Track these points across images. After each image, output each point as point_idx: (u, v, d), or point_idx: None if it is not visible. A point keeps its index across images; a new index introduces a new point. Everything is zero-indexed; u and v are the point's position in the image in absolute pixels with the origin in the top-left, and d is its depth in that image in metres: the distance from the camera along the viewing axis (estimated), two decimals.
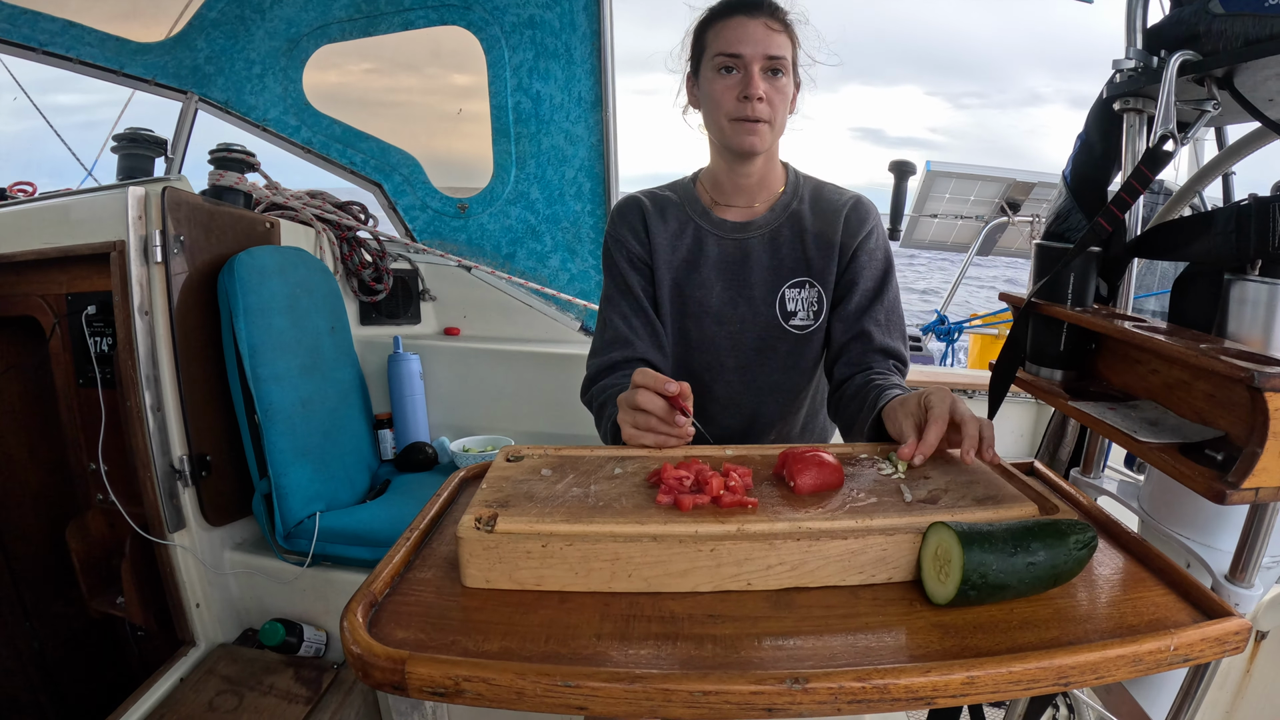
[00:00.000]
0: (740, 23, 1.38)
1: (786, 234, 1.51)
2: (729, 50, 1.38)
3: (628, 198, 1.60)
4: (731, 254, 1.52)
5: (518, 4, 2.62)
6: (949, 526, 0.78)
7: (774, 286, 1.51)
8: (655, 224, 1.54)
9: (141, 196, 1.84)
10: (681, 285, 1.54)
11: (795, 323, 1.52)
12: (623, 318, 1.53)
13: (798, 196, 1.54)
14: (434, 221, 2.92)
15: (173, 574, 1.94)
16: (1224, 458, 0.87)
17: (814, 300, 1.51)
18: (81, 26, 2.49)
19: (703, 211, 1.54)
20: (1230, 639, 0.73)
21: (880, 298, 1.50)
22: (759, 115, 1.38)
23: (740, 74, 1.38)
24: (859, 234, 1.50)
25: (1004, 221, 5.33)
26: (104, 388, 1.97)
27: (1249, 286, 1.03)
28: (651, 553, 0.78)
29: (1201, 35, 1.05)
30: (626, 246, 1.54)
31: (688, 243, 1.53)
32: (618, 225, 1.56)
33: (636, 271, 1.55)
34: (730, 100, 1.39)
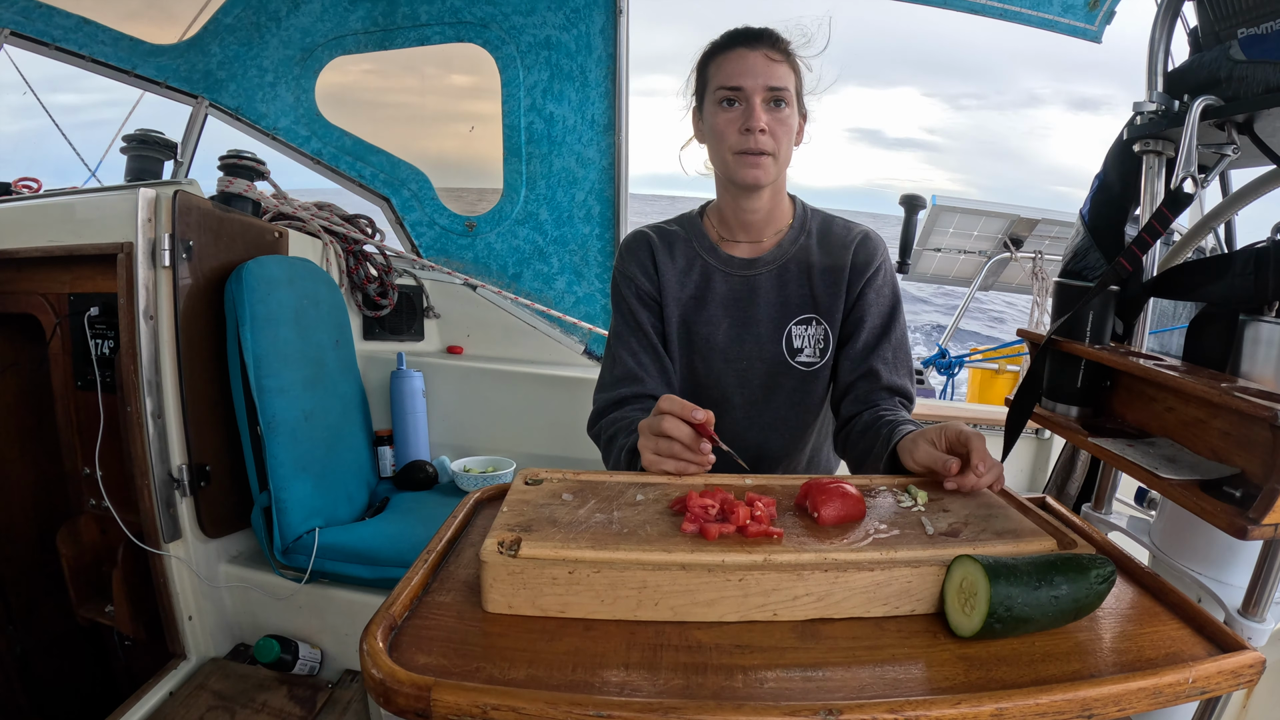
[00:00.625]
0: (741, 55, 1.39)
1: (794, 270, 1.51)
2: (730, 83, 1.38)
3: (636, 233, 1.59)
4: (739, 290, 1.52)
5: (535, 24, 2.63)
6: (976, 560, 0.78)
7: (781, 323, 1.51)
8: (664, 260, 1.53)
9: (152, 199, 1.83)
10: (689, 322, 1.54)
11: (802, 359, 1.51)
12: (632, 354, 1.52)
13: (805, 231, 1.53)
14: (441, 238, 2.91)
15: (166, 585, 1.91)
16: (1242, 494, 0.88)
17: (820, 338, 1.51)
18: (96, 24, 2.50)
19: (710, 247, 1.54)
20: (1245, 672, 0.74)
21: (888, 335, 1.49)
22: (762, 147, 1.37)
23: (742, 106, 1.38)
24: (866, 271, 1.49)
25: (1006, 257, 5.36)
26: (104, 391, 1.95)
27: (1264, 327, 1.04)
28: (680, 581, 0.78)
29: (1222, 80, 1.07)
30: (635, 283, 1.54)
31: (695, 279, 1.53)
32: (626, 261, 1.56)
33: (646, 308, 1.54)
34: (733, 133, 1.39)
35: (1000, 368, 4.90)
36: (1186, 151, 1.03)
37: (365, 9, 2.66)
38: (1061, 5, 2.48)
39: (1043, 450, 2.52)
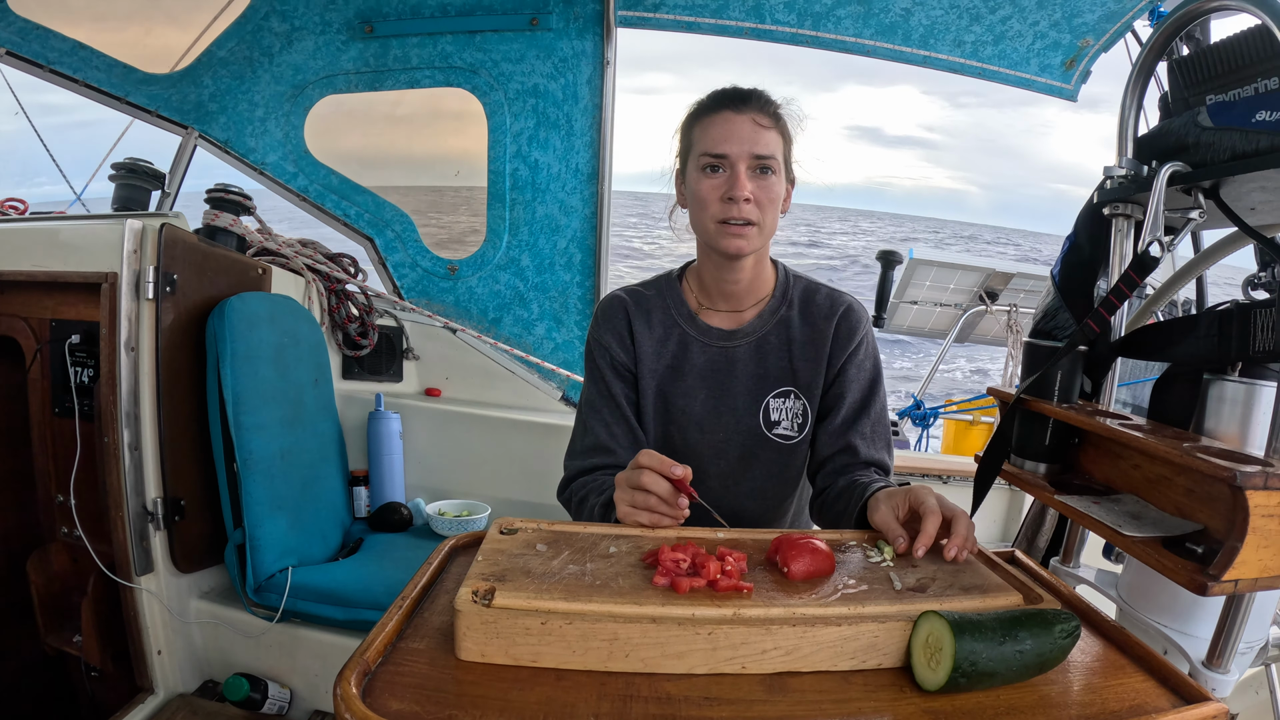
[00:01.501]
0: (726, 119, 1.34)
1: (774, 342, 1.48)
2: (714, 149, 1.33)
3: (612, 298, 1.55)
4: (717, 361, 1.48)
5: (523, 73, 2.68)
6: (941, 615, 0.80)
7: (758, 396, 1.47)
8: (640, 329, 1.49)
9: (139, 230, 1.84)
10: (665, 392, 1.50)
11: (778, 432, 1.48)
12: (604, 425, 1.49)
13: (787, 301, 1.49)
14: (423, 281, 2.93)
15: (136, 618, 1.89)
16: (1204, 551, 0.90)
17: (799, 412, 1.48)
18: (91, 49, 2.51)
19: (689, 316, 1.50)
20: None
21: (867, 411, 1.47)
22: (746, 216, 1.33)
23: (726, 173, 1.34)
24: (848, 347, 1.46)
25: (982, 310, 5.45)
26: (81, 420, 1.94)
27: (1228, 386, 1.08)
28: (650, 634, 0.79)
29: (1190, 146, 1.11)
30: (610, 353, 1.50)
31: (672, 349, 1.49)
32: (602, 329, 1.51)
33: (620, 379, 1.50)
34: (715, 201, 1.34)
35: (975, 419, 4.95)
36: (1153, 216, 1.06)
37: (357, 49, 2.71)
38: (1039, 65, 2.56)
39: (1015, 501, 2.55)
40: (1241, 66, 1.08)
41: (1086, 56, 2.52)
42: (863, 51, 2.57)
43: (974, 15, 2.42)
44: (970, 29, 2.47)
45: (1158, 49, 1.24)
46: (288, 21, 2.62)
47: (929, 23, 2.47)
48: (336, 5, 2.63)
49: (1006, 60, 2.56)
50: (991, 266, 5.41)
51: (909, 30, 2.50)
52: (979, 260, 5.47)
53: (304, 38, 2.67)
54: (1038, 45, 2.49)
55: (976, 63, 2.58)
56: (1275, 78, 1.02)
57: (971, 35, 2.49)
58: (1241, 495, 0.83)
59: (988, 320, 5.57)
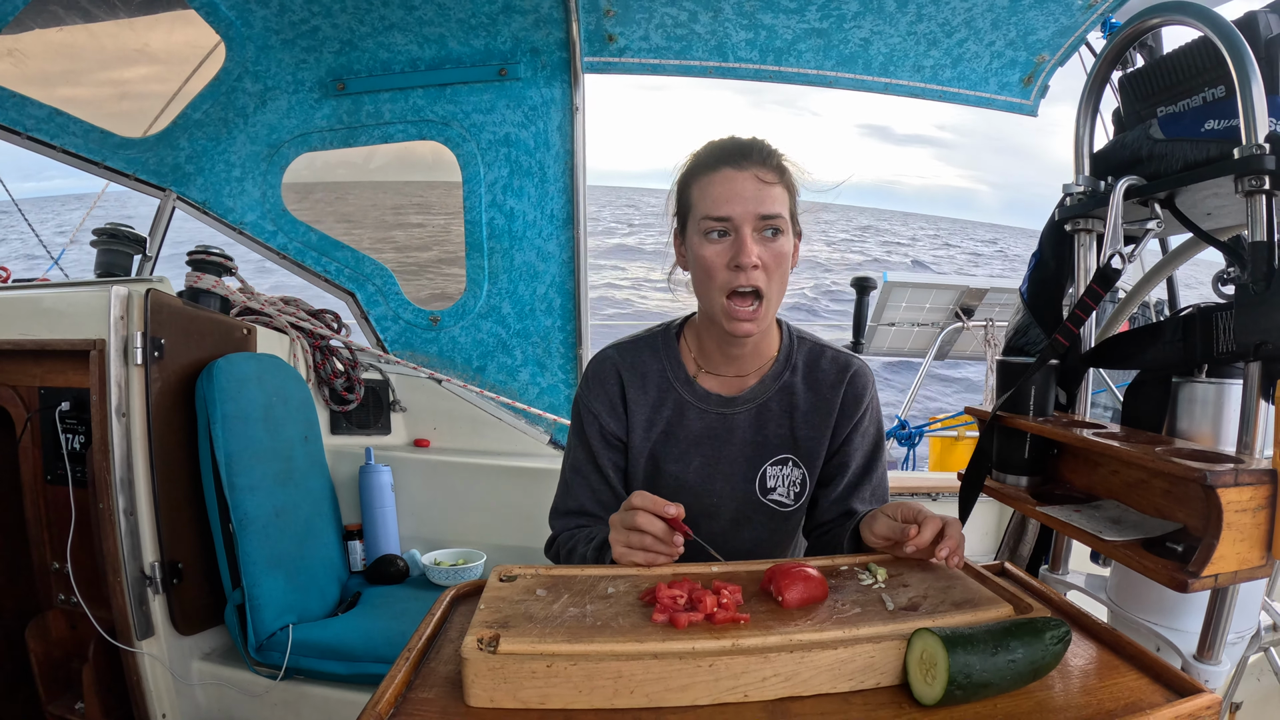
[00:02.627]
0: (728, 177, 1.25)
1: (775, 409, 1.40)
2: (716, 212, 1.24)
3: (604, 360, 1.46)
4: (714, 428, 1.41)
5: (494, 122, 2.72)
6: (933, 632, 0.82)
7: (756, 463, 1.41)
8: (634, 395, 1.42)
9: (124, 296, 1.86)
10: (657, 457, 1.43)
11: (774, 498, 1.42)
12: (591, 492, 1.44)
13: (790, 365, 1.42)
14: (406, 333, 2.94)
15: (139, 682, 1.88)
16: (1184, 549, 0.94)
17: (797, 480, 1.41)
18: (67, 115, 2.53)
19: (685, 380, 1.42)
20: (1203, 714, 0.79)
21: (869, 476, 1.43)
22: (754, 284, 1.24)
23: (731, 237, 1.25)
24: (854, 415, 1.41)
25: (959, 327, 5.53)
26: (75, 486, 1.94)
27: (1197, 388, 1.12)
28: (653, 670, 0.81)
29: (1144, 159, 1.15)
30: (600, 421, 1.43)
31: (667, 415, 1.42)
32: (593, 393, 1.44)
33: (610, 447, 1.44)
34: (721, 269, 1.25)
35: (959, 434, 5.00)
36: (1112, 231, 1.11)
37: (330, 107, 2.74)
38: (998, 84, 2.63)
39: (1005, 513, 2.58)
40: (1188, 78, 1.13)
41: (1044, 72, 2.59)
42: (824, 83, 2.64)
43: (931, 40, 2.49)
44: (929, 54, 2.54)
45: (1107, 66, 1.29)
46: (261, 82, 2.66)
47: (888, 50, 2.54)
48: (308, 64, 2.67)
49: (966, 81, 2.63)
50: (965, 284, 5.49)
51: (869, 59, 2.57)
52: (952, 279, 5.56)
53: (277, 97, 2.71)
54: (995, 65, 2.56)
55: (937, 86, 2.65)
56: (1221, 86, 1.07)
57: (930, 60, 2.56)
58: (1214, 494, 0.87)
59: (965, 336, 5.63)
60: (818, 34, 2.49)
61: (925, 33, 2.46)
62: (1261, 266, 0.94)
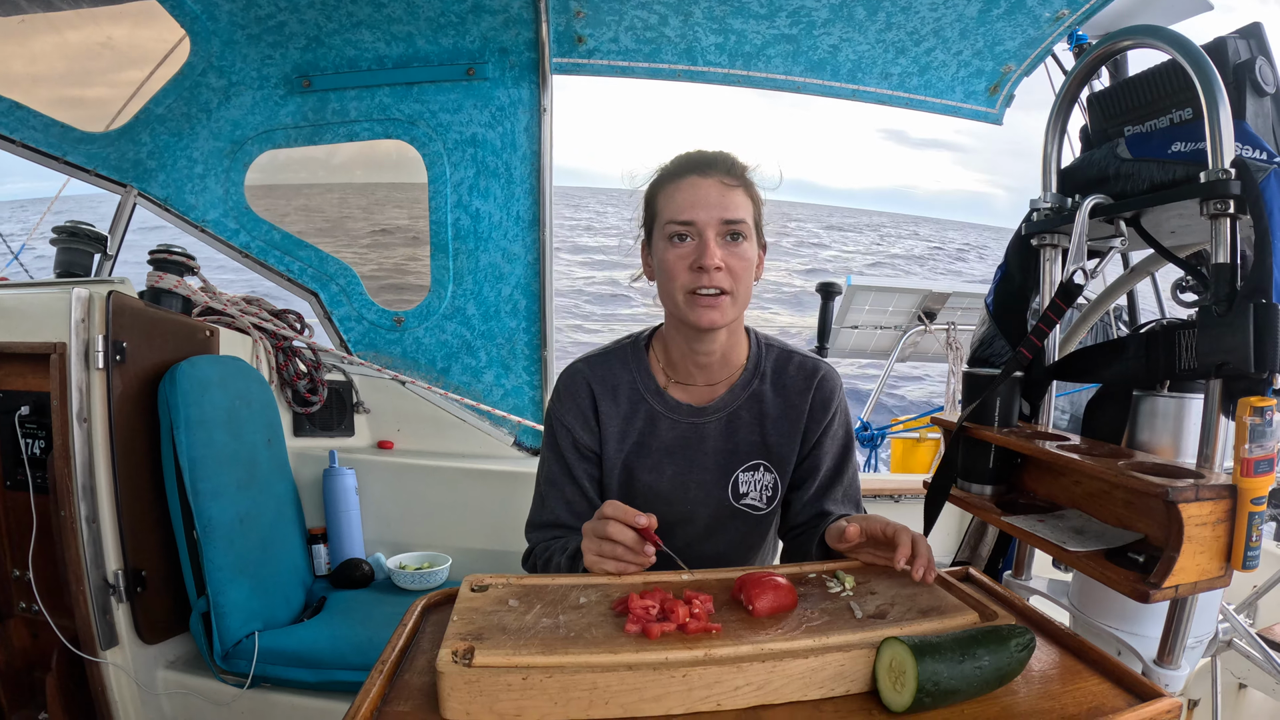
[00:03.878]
0: (692, 184, 1.29)
1: (745, 417, 1.43)
2: (680, 217, 1.27)
3: (574, 373, 1.48)
4: (686, 437, 1.43)
5: (461, 122, 2.70)
6: (902, 641, 0.84)
7: (728, 470, 1.43)
8: (606, 407, 1.44)
9: (86, 299, 1.82)
10: (631, 467, 1.45)
11: (746, 503, 1.44)
12: (566, 504, 1.45)
13: (759, 374, 1.44)
14: (369, 333, 2.91)
15: (104, 692, 1.85)
16: (1145, 559, 0.96)
17: (769, 484, 1.44)
18: (27, 109, 2.47)
19: (656, 391, 1.44)
20: (1163, 717, 0.81)
21: (840, 477, 1.46)
22: (718, 285, 1.27)
23: (694, 241, 1.28)
24: (823, 419, 1.43)
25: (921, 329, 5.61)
26: (35, 493, 1.90)
27: (1159, 401, 1.15)
28: (627, 681, 0.81)
29: (1111, 177, 1.18)
30: (573, 434, 1.44)
31: (639, 426, 1.44)
32: (565, 408, 1.45)
33: (583, 459, 1.46)
34: (684, 271, 1.28)
35: (922, 436, 5.07)
36: (1076, 247, 1.13)
37: (295, 104, 2.71)
38: (964, 92, 2.67)
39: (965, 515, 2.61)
40: (1156, 99, 1.15)
41: (1009, 81, 2.63)
42: (793, 88, 2.66)
43: (899, 48, 2.51)
44: (896, 61, 2.57)
45: (1076, 85, 1.31)
46: (225, 77, 2.61)
47: (856, 57, 2.56)
48: (274, 60, 2.63)
49: (933, 90, 2.66)
50: (928, 287, 5.58)
51: (837, 66, 2.59)
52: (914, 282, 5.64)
53: (242, 93, 2.67)
54: (962, 74, 2.60)
55: (904, 94, 2.68)
56: (1189, 109, 1.10)
57: (898, 67, 2.59)
58: (1175, 509, 0.89)
59: (928, 339, 5.72)
60: (787, 40, 2.50)
61: (894, 41, 2.48)
62: (1224, 288, 0.97)
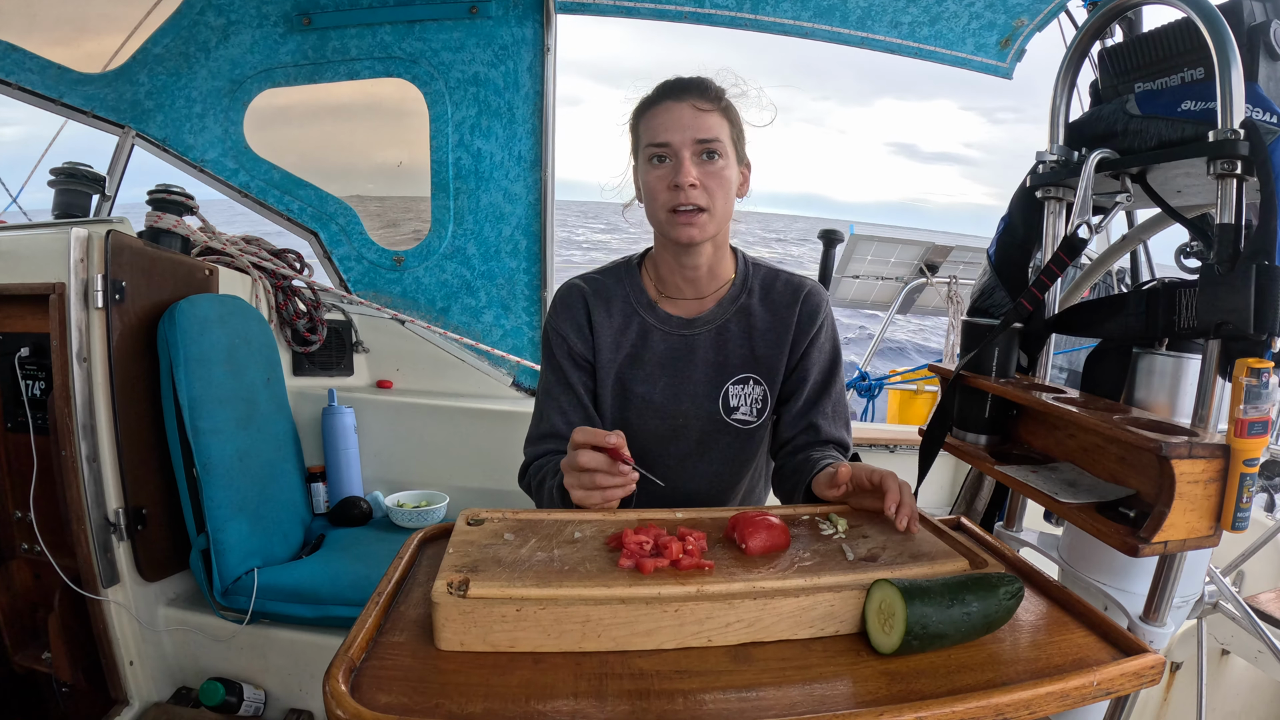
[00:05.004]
0: (667, 108, 1.35)
1: (734, 330, 1.48)
2: (657, 139, 1.35)
3: (570, 287, 1.54)
4: (677, 349, 1.49)
5: (463, 61, 2.67)
6: (892, 583, 0.85)
7: (718, 382, 1.48)
8: (600, 318, 1.49)
9: (84, 238, 1.81)
10: (624, 380, 1.50)
11: (737, 417, 1.49)
12: (561, 413, 1.49)
13: (747, 289, 1.50)
14: (369, 273, 2.90)
15: (106, 630, 1.87)
16: (1136, 514, 0.97)
17: (758, 398, 1.49)
18: (23, 51, 2.44)
19: (648, 304, 1.50)
20: (1147, 673, 0.82)
21: (828, 391, 1.50)
22: (694, 201, 1.33)
23: (671, 162, 1.34)
24: (810, 330, 1.48)
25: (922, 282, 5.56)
26: (36, 434, 1.90)
27: (1157, 359, 1.14)
28: (620, 614, 0.83)
29: (1119, 133, 1.16)
30: (568, 343, 1.50)
31: (632, 338, 1.50)
32: (560, 318, 1.51)
33: (578, 368, 1.51)
34: (663, 190, 1.35)
35: (919, 388, 5.07)
36: (1082, 201, 1.12)
37: (295, 42, 2.66)
38: (974, 45, 2.63)
39: (961, 469, 2.63)
40: (1168, 57, 1.13)
41: (1021, 36, 2.59)
42: (801, 34, 2.61)
43: None
44: (907, 10, 2.52)
45: (1088, 39, 1.29)
46: (224, 15, 2.57)
47: (866, 4, 2.52)
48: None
49: (943, 40, 2.62)
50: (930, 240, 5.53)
51: (846, 12, 2.55)
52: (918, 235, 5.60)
53: (241, 31, 2.62)
54: (973, 25, 2.55)
55: (913, 43, 2.63)
56: (1200, 69, 1.08)
57: (908, 16, 2.54)
58: (1168, 464, 0.89)
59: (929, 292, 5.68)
60: None
61: None
62: (1227, 248, 0.96)
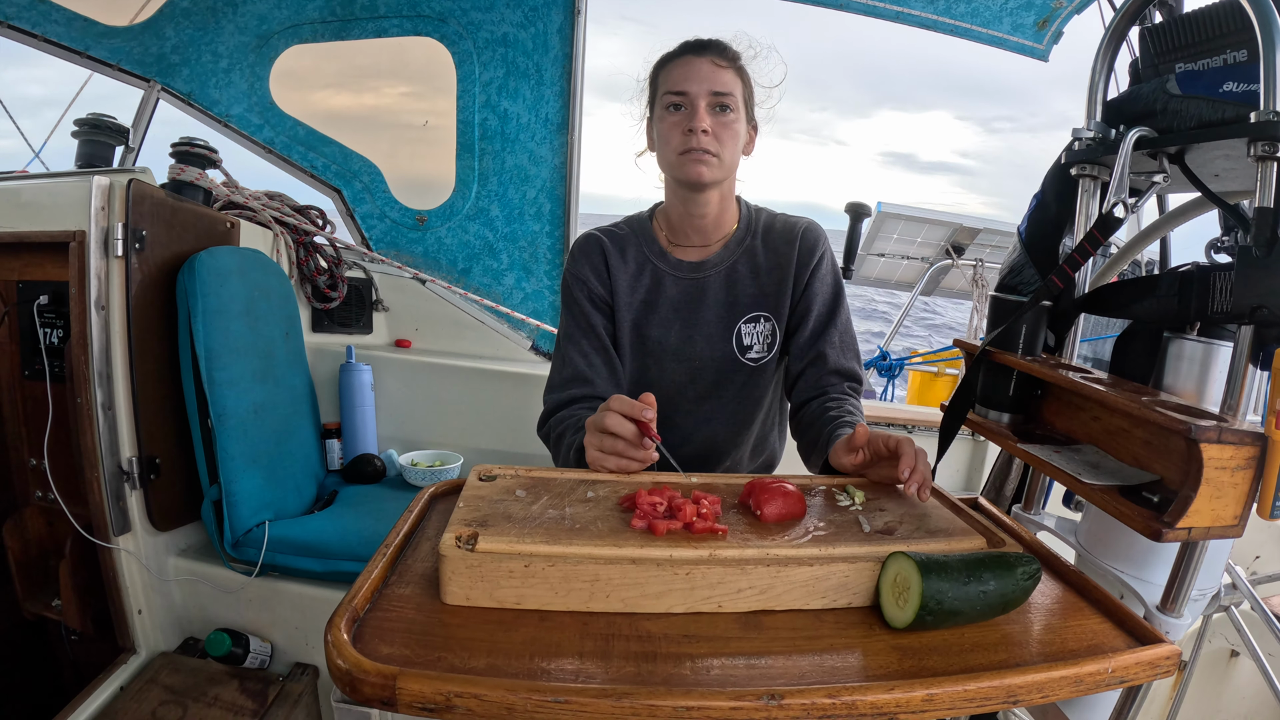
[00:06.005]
0: (687, 61, 1.44)
1: (741, 270, 1.56)
2: (675, 88, 1.43)
3: (588, 236, 1.62)
4: (689, 293, 1.56)
5: (492, 21, 2.64)
6: (909, 556, 0.83)
7: (730, 323, 1.55)
8: (616, 264, 1.57)
9: (106, 187, 1.80)
10: (640, 325, 1.58)
11: (750, 355, 1.56)
12: (582, 355, 1.55)
13: (751, 232, 1.58)
14: (391, 232, 2.90)
15: (115, 579, 1.89)
16: (1159, 499, 0.94)
17: (768, 333, 1.56)
18: (50, 3, 2.44)
19: (660, 252, 1.58)
20: (1162, 663, 0.80)
21: (834, 321, 1.56)
22: (704, 146, 1.41)
23: (687, 110, 1.43)
24: (810, 262, 1.55)
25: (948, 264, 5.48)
26: (53, 382, 1.91)
27: (1186, 345, 1.11)
28: (630, 575, 0.81)
29: (1158, 112, 1.13)
30: (588, 285, 1.57)
31: (646, 283, 1.57)
32: (579, 263, 1.58)
33: (598, 310, 1.57)
34: (677, 135, 1.43)
35: (940, 370, 5.02)
36: (1119, 179, 1.09)
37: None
38: (1011, 24, 2.57)
39: (978, 452, 2.61)
40: (1211, 38, 1.10)
41: (1059, 17, 2.52)
42: (835, 5, 2.56)
43: None
44: None
45: (1131, 15, 1.26)
46: None
47: None
48: None
49: (979, 18, 2.56)
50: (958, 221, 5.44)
51: None
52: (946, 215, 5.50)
53: None
54: (1011, 4, 2.49)
55: (950, 20, 2.57)
56: (1244, 50, 1.05)
57: None
58: (1196, 448, 0.87)
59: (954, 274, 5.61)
60: None
61: None
62: (1265, 231, 0.94)
